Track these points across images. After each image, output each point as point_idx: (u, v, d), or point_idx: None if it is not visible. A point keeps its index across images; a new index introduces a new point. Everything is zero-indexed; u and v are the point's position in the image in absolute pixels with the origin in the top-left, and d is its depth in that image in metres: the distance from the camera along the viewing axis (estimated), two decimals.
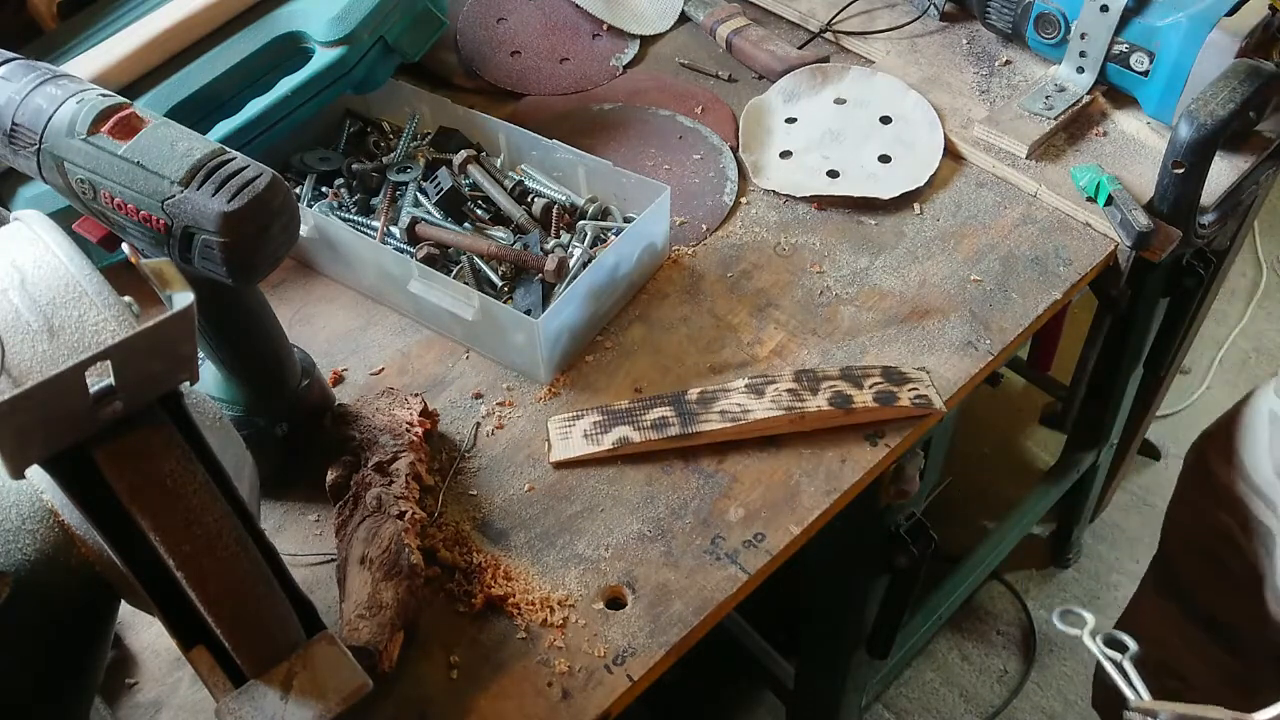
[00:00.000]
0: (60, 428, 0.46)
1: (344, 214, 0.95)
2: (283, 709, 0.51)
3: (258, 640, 0.52)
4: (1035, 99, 1.03)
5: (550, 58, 1.14)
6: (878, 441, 0.80)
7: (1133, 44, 0.99)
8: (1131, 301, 1.24)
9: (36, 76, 0.63)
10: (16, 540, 0.52)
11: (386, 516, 0.71)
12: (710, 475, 0.79)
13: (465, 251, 0.90)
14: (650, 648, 0.69)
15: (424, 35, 0.98)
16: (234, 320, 0.71)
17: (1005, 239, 0.95)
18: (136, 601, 0.56)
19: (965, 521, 1.80)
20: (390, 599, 0.67)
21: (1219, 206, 0.98)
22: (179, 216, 0.60)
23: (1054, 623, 0.70)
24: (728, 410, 0.80)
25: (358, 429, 0.77)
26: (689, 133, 1.05)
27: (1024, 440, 1.97)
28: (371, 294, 0.93)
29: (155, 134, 0.61)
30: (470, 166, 0.96)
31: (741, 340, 0.87)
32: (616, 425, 0.80)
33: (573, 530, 0.76)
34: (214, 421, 0.60)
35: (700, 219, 0.97)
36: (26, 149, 0.63)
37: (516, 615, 0.71)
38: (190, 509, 0.49)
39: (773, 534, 0.75)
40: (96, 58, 0.90)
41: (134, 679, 0.70)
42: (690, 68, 1.14)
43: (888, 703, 1.66)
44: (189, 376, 0.49)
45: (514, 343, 0.84)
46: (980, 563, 1.51)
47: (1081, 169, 0.97)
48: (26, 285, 0.48)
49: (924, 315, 0.89)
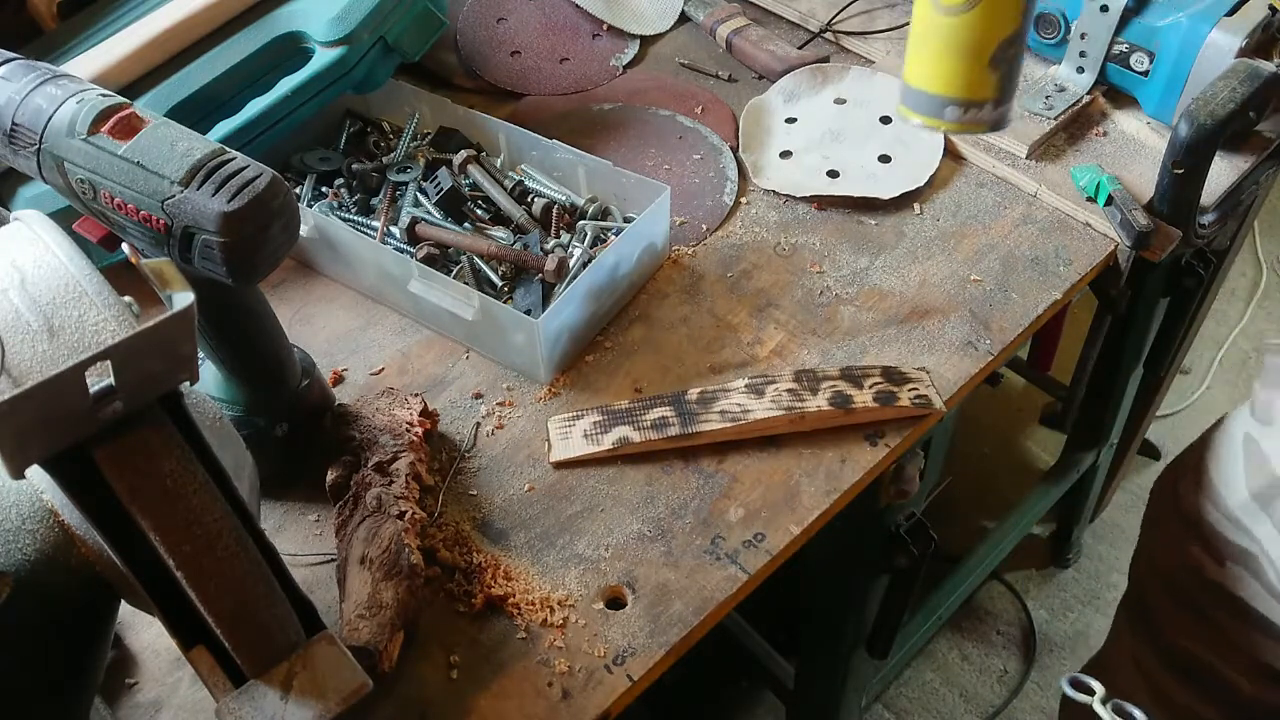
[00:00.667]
0: (60, 428, 0.46)
1: (344, 214, 0.95)
2: (283, 709, 0.51)
3: (258, 640, 0.52)
4: (1035, 99, 1.03)
5: (550, 58, 1.14)
6: (878, 441, 0.80)
7: (1133, 44, 0.99)
8: (1131, 301, 1.24)
9: (36, 76, 0.63)
10: (16, 540, 0.52)
11: (386, 516, 0.71)
12: (710, 475, 0.79)
13: (465, 251, 0.90)
14: (650, 648, 0.69)
15: (424, 35, 0.98)
16: (234, 320, 0.71)
17: (1005, 239, 0.95)
18: (136, 601, 0.56)
19: (965, 521, 1.80)
20: (390, 599, 0.67)
21: (1219, 206, 0.98)
22: (179, 216, 0.60)
23: (1064, 688, 0.71)
24: (728, 410, 0.80)
25: (358, 429, 0.77)
26: (689, 133, 1.05)
27: (1024, 440, 1.97)
28: (371, 294, 0.93)
29: (155, 134, 0.61)
30: (470, 166, 0.96)
31: (741, 340, 0.87)
32: (616, 425, 0.80)
33: (573, 530, 0.76)
34: (214, 421, 0.60)
35: (700, 219, 0.97)
36: (26, 149, 0.63)
37: (516, 615, 0.71)
38: (190, 509, 0.49)
39: (773, 534, 0.75)
40: (96, 58, 0.90)
41: (134, 679, 0.70)
42: (690, 68, 1.14)
43: (888, 703, 1.66)
44: (189, 376, 0.49)
45: (514, 343, 0.84)
46: (980, 563, 1.51)
47: (1081, 169, 0.97)
48: (26, 285, 0.48)
49: (924, 315, 0.89)
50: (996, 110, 0.79)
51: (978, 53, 0.77)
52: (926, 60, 0.79)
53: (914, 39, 0.79)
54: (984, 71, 0.77)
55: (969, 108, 0.79)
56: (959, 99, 0.79)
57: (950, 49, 0.77)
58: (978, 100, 0.78)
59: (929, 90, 0.80)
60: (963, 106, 0.79)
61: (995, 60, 0.77)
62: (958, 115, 0.79)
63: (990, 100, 0.78)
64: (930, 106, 0.80)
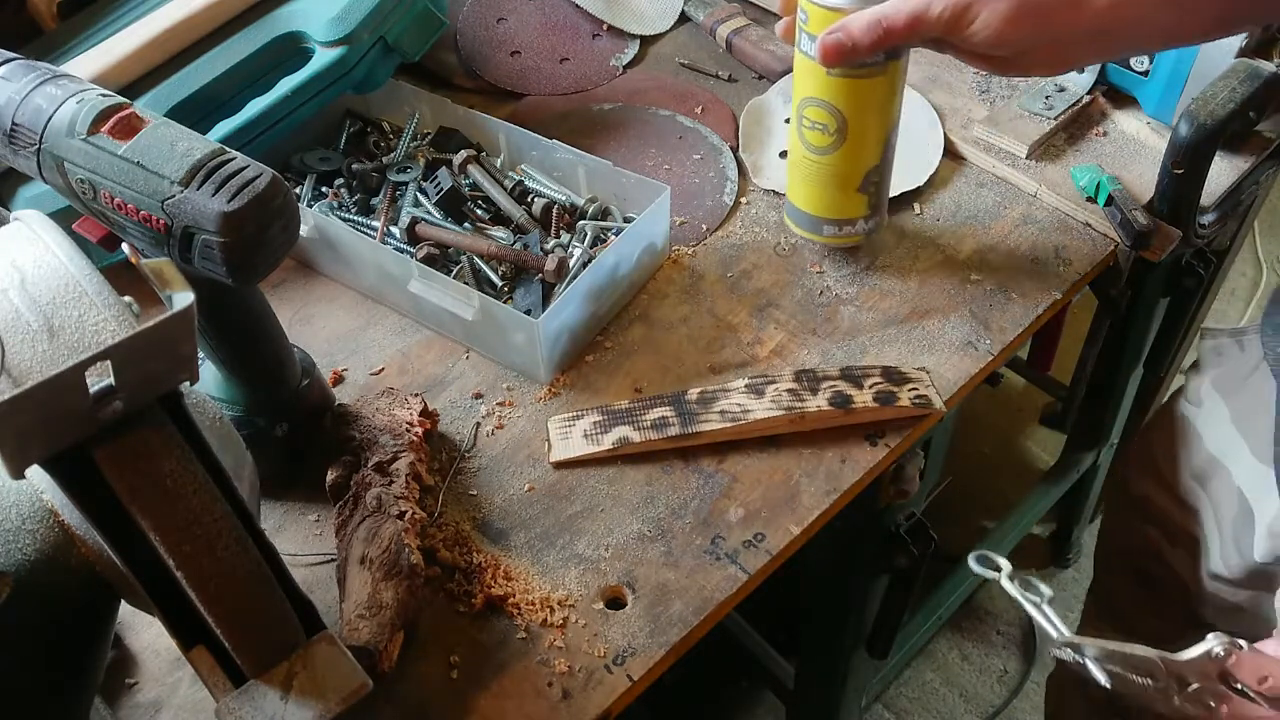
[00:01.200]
0: (60, 428, 0.46)
1: (344, 214, 0.95)
2: (283, 709, 0.51)
3: (258, 640, 0.52)
4: (1035, 99, 1.03)
5: (550, 58, 1.14)
6: (878, 441, 0.80)
7: None
8: (1131, 301, 1.24)
9: (36, 76, 0.63)
10: (16, 540, 0.52)
11: (386, 516, 0.71)
12: (710, 475, 0.79)
13: (465, 251, 0.90)
14: (650, 648, 0.69)
15: (424, 35, 0.98)
16: (234, 320, 0.71)
17: (1005, 239, 0.95)
18: (136, 601, 0.56)
19: (965, 521, 1.80)
20: (390, 599, 0.67)
21: (1219, 206, 0.98)
22: (179, 216, 0.60)
23: (970, 565, 0.70)
24: (728, 410, 0.80)
25: (358, 429, 0.77)
26: (689, 133, 1.05)
27: (1024, 440, 1.97)
28: (371, 294, 0.93)
29: (155, 134, 0.61)
30: (470, 166, 0.96)
31: (741, 340, 0.87)
32: (616, 425, 0.80)
33: (573, 530, 0.76)
34: (214, 421, 0.60)
35: (700, 219, 0.97)
36: (26, 149, 0.63)
37: (516, 615, 0.71)
38: (190, 509, 0.49)
39: (773, 534, 0.75)
40: (96, 58, 0.90)
41: (134, 679, 0.70)
42: (690, 68, 1.14)
43: (888, 703, 1.66)
44: (189, 376, 0.49)
45: (514, 343, 0.84)
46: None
47: (1081, 169, 0.97)
48: (26, 285, 0.48)
49: (924, 315, 0.89)
50: (869, 223, 0.89)
51: (845, 184, 0.86)
52: (803, 188, 0.88)
53: (791, 170, 0.89)
54: (853, 196, 0.87)
55: (843, 225, 0.89)
56: (834, 219, 0.89)
57: (822, 182, 0.86)
58: (850, 219, 0.89)
59: (807, 211, 0.89)
60: (837, 225, 0.89)
61: (863, 187, 0.87)
62: (834, 231, 0.90)
63: (861, 217, 0.89)
64: (810, 224, 0.90)
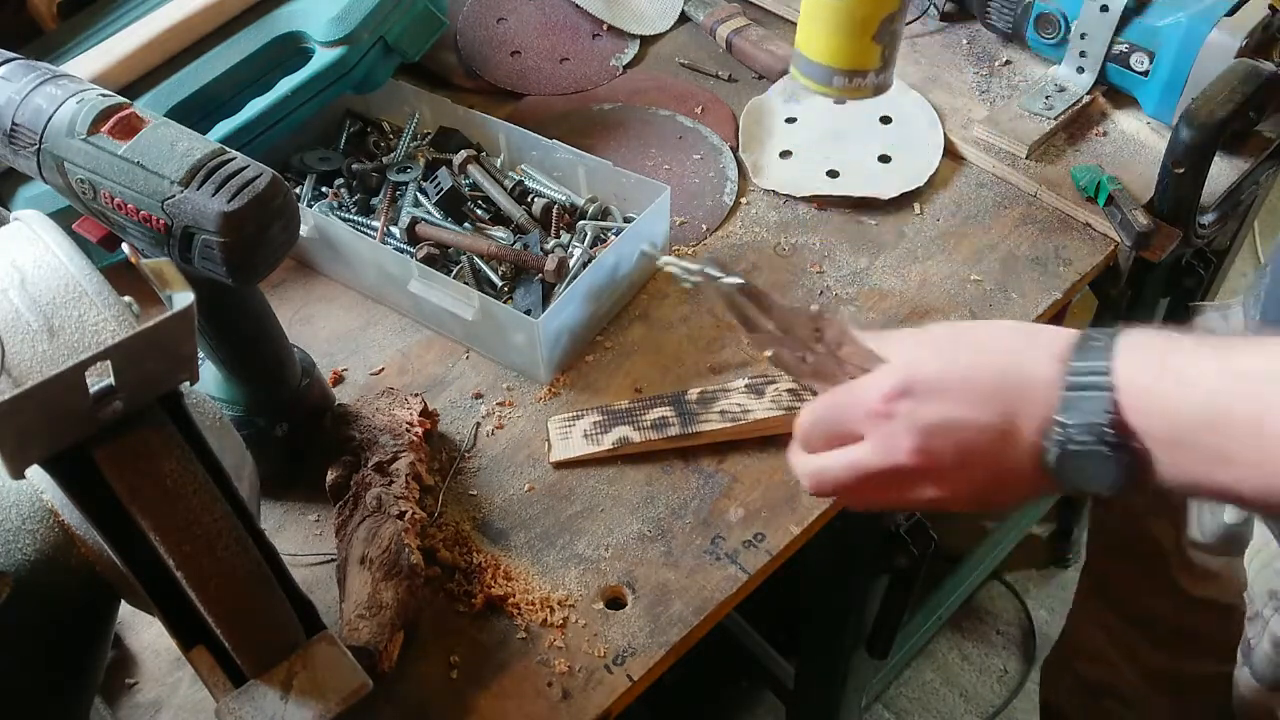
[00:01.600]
0: (60, 428, 0.46)
1: (344, 214, 0.95)
2: (283, 709, 0.51)
3: (258, 640, 0.52)
4: (1035, 99, 1.03)
5: (550, 58, 1.14)
6: None
7: (1133, 44, 0.99)
8: (1131, 302, 1.24)
9: (36, 76, 0.63)
10: (16, 540, 0.52)
11: (386, 516, 0.71)
12: (710, 475, 0.79)
13: (465, 251, 0.90)
14: (650, 648, 0.69)
15: (424, 35, 0.98)
16: (234, 320, 0.71)
17: (1005, 239, 0.95)
18: (136, 601, 0.56)
19: (965, 521, 1.80)
20: (390, 599, 0.67)
21: (1219, 206, 0.98)
22: (179, 216, 0.60)
23: (644, 248, 0.71)
24: (728, 410, 0.80)
25: (358, 429, 0.77)
26: (689, 133, 1.05)
27: None
28: (371, 294, 0.93)
29: (155, 134, 0.61)
30: (470, 166, 0.96)
31: (741, 340, 0.87)
32: (616, 425, 0.80)
33: (573, 530, 0.76)
34: (214, 421, 0.60)
35: (700, 219, 0.97)
36: (26, 149, 0.63)
37: (516, 615, 0.71)
38: (190, 509, 0.49)
39: (773, 534, 0.75)
40: (96, 58, 0.90)
41: (134, 679, 0.70)
42: (690, 68, 1.14)
43: (888, 703, 1.66)
44: (189, 376, 0.49)
45: (514, 343, 0.84)
46: (980, 563, 1.51)
47: (1081, 169, 0.97)
48: (26, 285, 0.48)
49: (924, 315, 0.89)
50: (879, 77, 0.87)
51: (863, 30, 0.84)
52: (816, 35, 0.86)
53: (805, 14, 0.86)
54: (869, 45, 0.85)
55: (854, 76, 0.87)
56: (845, 69, 0.87)
57: (838, 27, 0.84)
58: (862, 70, 0.87)
59: (819, 61, 0.87)
60: (848, 75, 0.87)
61: (879, 35, 0.84)
62: (844, 83, 0.87)
63: (874, 69, 0.86)
64: (820, 75, 0.88)
